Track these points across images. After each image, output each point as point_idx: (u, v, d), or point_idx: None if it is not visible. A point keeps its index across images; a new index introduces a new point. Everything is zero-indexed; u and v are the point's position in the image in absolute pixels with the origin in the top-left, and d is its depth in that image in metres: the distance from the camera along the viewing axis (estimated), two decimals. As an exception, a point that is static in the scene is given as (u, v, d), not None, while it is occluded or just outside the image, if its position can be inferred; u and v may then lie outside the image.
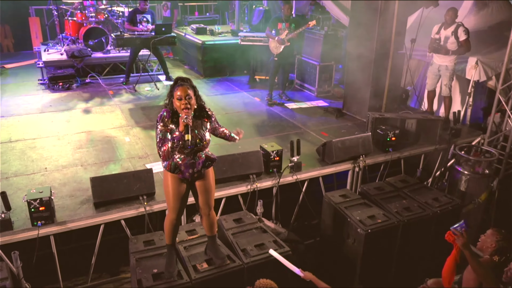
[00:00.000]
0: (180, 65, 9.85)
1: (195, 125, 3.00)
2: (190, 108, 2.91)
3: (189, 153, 3.01)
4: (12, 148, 5.24)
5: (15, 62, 9.70)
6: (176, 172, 3.05)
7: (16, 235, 3.66)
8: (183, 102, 2.88)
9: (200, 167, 3.10)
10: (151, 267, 3.44)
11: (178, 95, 2.88)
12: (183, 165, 3.03)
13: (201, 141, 3.00)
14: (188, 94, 2.89)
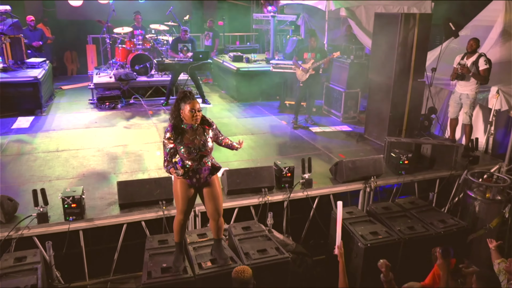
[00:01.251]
0: (218, 90, 10.48)
1: (198, 132, 3.44)
2: (198, 119, 3.36)
3: (195, 159, 3.44)
4: (58, 157, 5.95)
5: (72, 84, 10.77)
6: (184, 177, 3.49)
7: (50, 227, 4.22)
8: (195, 114, 3.34)
9: (206, 173, 3.52)
10: (161, 262, 3.85)
11: (189, 108, 3.34)
12: (191, 171, 3.46)
13: (203, 146, 3.43)
14: (198, 108, 3.35)
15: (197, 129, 3.45)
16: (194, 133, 3.42)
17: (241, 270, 3.14)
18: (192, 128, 3.42)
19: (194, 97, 3.40)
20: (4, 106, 7.74)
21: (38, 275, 3.62)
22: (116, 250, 4.49)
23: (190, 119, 3.38)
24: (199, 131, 3.45)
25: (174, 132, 3.39)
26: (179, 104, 3.38)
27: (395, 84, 6.33)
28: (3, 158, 5.85)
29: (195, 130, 3.44)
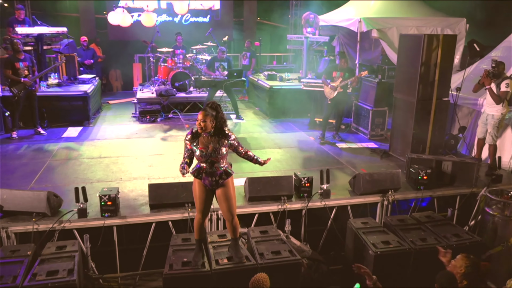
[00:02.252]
0: (252, 107, 10.94)
1: (212, 140, 3.83)
2: (203, 128, 3.77)
3: (207, 162, 3.85)
4: (100, 162, 6.55)
5: (118, 99, 11.62)
6: (199, 178, 3.90)
7: (88, 222, 4.74)
8: (198, 123, 3.78)
9: (217, 177, 3.91)
10: (183, 257, 4.24)
11: (198, 117, 3.78)
12: (204, 173, 3.87)
13: (214, 153, 3.82)
14: (203, 118, 3.76)
15: (213, 137, 3.85)
16: (209, 140, 3.83)
17: (262, 280, 3.40)
18: (209, 135, 3.83)
19: (205, 109, 3.81)
20: (57, 117, 8.57)
21: (75, 262, 4.10)
22: (145, 247, 4.93)
23: (197, 127, 3.81)
24: (214, 139, 3.85)
25: (192, 136, 3.84)
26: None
27: (418, 102, 6.50)
28: (53, 162, 6.53)
29: (211, 138, 3.84)
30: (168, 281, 4.01)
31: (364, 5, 10.48)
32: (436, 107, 6.57)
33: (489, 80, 6.07)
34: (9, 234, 4.54)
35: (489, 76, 6.09)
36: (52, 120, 8.49)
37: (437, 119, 6.62)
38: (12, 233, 4.55)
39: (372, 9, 10.22)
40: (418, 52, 6.33)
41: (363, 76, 7.54)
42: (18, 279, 3.80)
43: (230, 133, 3.95)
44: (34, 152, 7.00)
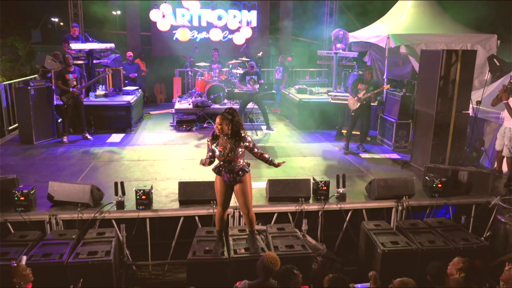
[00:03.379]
0: (283, 119, 11.41)
1: (229, 141, 4.31)
2: (220, 130, 4.27)
3: (225, 161, 4.35)
4: (138, 164, 7.23)
5: (159, 110, 12.44)
6: (219, 174, 4.41)
7: (125, 213, 5.35)
8: (216, 126, 4.28)
9: (235, 174, 4.40)
10: (205, 246, 4.75)
11: (216, 121, 4.29)
12: (223, 171, 4.38)
13: (230, 152, 4.31)
14: (220, 122, 4.26)
15: (230, 139, 4.34)
16: (227, 141, 4.33)
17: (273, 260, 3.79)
18: (227, 137, 4.33)
19: (223, 114, 4.30)
20: (103, 124, 9.41)
21: (112, 246, 4.69)
22: (174, 239, 5.47)
23: (216, 130, 4.32)
24: (231, 141, 4.34)
25: (212, 138, 4.38)
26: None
27: (437, 115, 6.76)
28: (97, 163, 7.27)
29: (228, 139, 4.33)
30: (191, 265, 4.52)
31: (394, 22, 10.80)
32: (456, 120, 6.80)
33: (506, 95, 6.26)
34: (58, 221, 5.22)
35: (507, 91, 6.28)
36: (98, 127, 9.34)
37: (457, 132, 6.84)
38: (60, 220, 5.23)
39: (402, 26, 10.52)
40: (437, 67, 6.62)
41: (385, 89, 7.86)
42: (64, 257, 4.44)
43: (246, 136, 4.43)
44: (81, 154, 7.79)
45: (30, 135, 8.33)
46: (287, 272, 3.67)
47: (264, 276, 3.74)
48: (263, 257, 3.83)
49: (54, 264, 4.34)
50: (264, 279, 3.74)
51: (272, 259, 3.82)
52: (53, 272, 4.31)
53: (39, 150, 7.99)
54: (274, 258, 3.82)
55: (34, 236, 4.87)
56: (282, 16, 14.94)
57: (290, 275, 3.66)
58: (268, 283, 3.74)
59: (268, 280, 3.74)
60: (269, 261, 3.77)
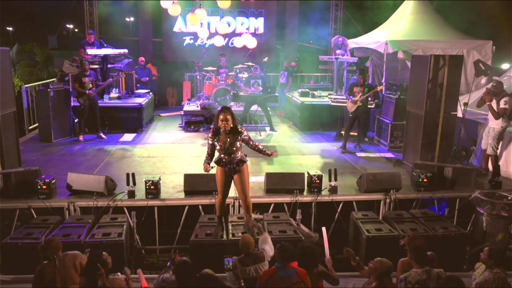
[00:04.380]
0: (287, 121, 11.93)
1: (228, 136, 4.84)
2: (227, 126, 4.79)
3: (225, 153, 4.89)
4: (148, 160, 7.82)
5: (169, 112, 13.06)
6: (220, 165, 4.95)
7: (135, 202, 5.92)
8: (223, 123, 4.79)
9: (235, 164, 4.93)
10: (207, 230, 5.29)
11: (221, 118, 4.81)
12: (224, 162, 4.91)
13: (231, 146, 4.84)
14: (227, 118, 4.79)
15: (229, 134, 4.87)
16: (227, 136, 4.86)
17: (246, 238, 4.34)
18: (226, 132, 4.86)
19: (226, 111, 4.83)
20: (116, 124, 10.04)
21: (123, 229, 5.26)
22: (179, 226, 6.02)
23: (221, 125, 4.84)
24: (230, 136, 4.87)
25: (213, 133, 4.89)
26: (218, 113, 4.87)
27: (426, 115, 7.23)
28: (110, 159, 7.88)
29: (228, 135, 4.87)
30: (194, 246, 5.07)
31: (393, 29, 11.29)
32: (444, 120, 7.26)
33: (489, 97, 6.72)
34: (75, 208, 5.81)
35: (490, 93, 6.74)
36: (111, 127, 9.97)
37: (445, 131, 7.29)
38: (77, 206, 5.82)
39: (400, 32, 11.00)
40: (426, 71, 7.10)
41: (378, 90, 8.35)
42: (82, 237, 5.02)
43: (243, 130, 4.97)
44: (96, 151, 8.41)
45: (49, 133, 8.98)
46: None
47: (244, 252, 4.25)
48: (241, 240, 4.33)
49: (73, 243, 4.90)
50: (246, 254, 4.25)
51: (247, 239, 4.32)
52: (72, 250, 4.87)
53: (57, 147, 8.64)
54: (248, 239, 4.32)
55: (55, 220, 5.47)
56: (288, 23, 15.50)
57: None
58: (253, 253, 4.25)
59: (250, 253, 4.24)
60: (244, 241, 4.28)
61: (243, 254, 4.32)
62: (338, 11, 15.52)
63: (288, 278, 3.76)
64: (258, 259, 4.32)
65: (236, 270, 3.86)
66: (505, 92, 6.78)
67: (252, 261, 4.27)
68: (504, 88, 6.85)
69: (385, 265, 4.00)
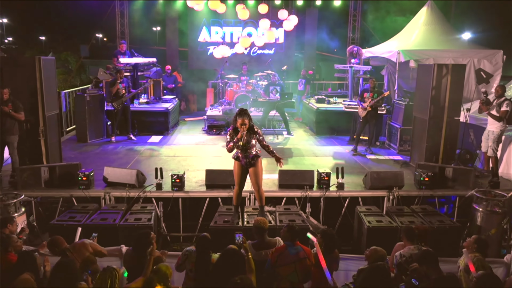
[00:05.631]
0: (304, 126, 12.56)
1: (246, 134, 5.53)
2: (245, 128, 5.48)
3: (243, 150, 5.58)
4: (173, 159, 8.60)
5: (193, 117, 13.90)
6: (238, 160, 5.64)
7: (162, 193, 6.67)
8: (242, 126, 5.48)
9: (250, 159, 5.61)
10: (224, 218, 5.98)
11: (240, 122, 5.50)
12: (241, 157, 5.61)
13: (247, 143, 5.53)
14: (244, 122, 5.48)
15: (246, 133, 5.55)
16: (244, 135, 5.55)
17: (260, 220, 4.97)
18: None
19: (244, 115, 5.51)
20: (144, 127, 10.91)
21: (152, 215, 6.01)
22: (201, 215, 6.74)
23: (239, 128, 5.53)
24: (247, 134, 5.53)
25: (233, 131, 5.59)
26: (236, 117, 5.56)
27: (430, 120, 7.76)
28: (140, 158, 8.70)
29: (246, 133, 5.56)
30: (213, 231, 5.75)
31: (406, 39, 11.86)
32: (447, 125, 7.77)
33: (485, 107, 7.24)
34: (110, 197, 6.61)
35: (484, 104, 7.26)
36: (140, 129, 10.83)
37: (448, 135, 7.80)
38: (112, 196, 6.62)
39: (413, 42, 11.56)
40: (429, 79, 7.65)
41: (385, 96, 8.92)
42: (117, 221, 5.79)
43: (258, 130, 5.65)
44: (126, 151, 9.25)
45: (85, 134, 9.90)
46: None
47: (258, 236, 4.84)
48: (254, 221, 4.93)
49: (109, 226, 5.69)
50: (260, 238, 4.85)
51: (261, 220, 4.93)
52: (109, 231, 5.63)
53: (92, 147, 9.54)
54: (262, 220, 4.93)
55: (93, 207, 6.27)
56: (307, 33, 16.19)
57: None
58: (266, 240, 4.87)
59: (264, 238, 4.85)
60: (258, 222, 4.88)
61: (257, 240, 4.93)
62: (356, 22, 16.12)
63: (296, 254, 4.38)
64: (271, 245, 4.89)
65: (245, 244, 4.50)
66: (505, 97, 7.25)
67: (266, 246, 4.85)
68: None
69: (379, 253, 4.54)
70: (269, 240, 4.92)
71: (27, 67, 7.14)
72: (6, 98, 6.80)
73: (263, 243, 4.84)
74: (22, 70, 7.16)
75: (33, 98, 7.21)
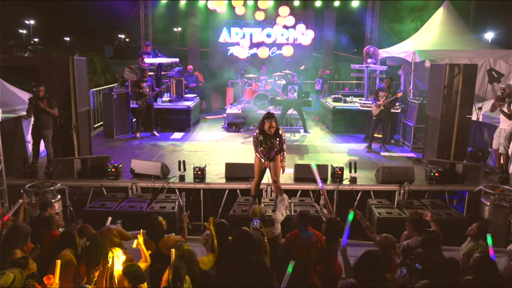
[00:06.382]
0: (320, 125, 12.90)
1: (272, 136, 5.91)
2: (272, 130, 5.85)
3: (267, 149, 5.97)
4: (195, 154, 9.08)
5: (213, 115, 14.39)
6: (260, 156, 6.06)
7: (185, 184, 7.14)
8: (269, 129, 5.85)
9: (273, 155, 6.01)
10: (242, 207, 6.40)
11: (268, 126, 5.88)
12: (263, 153, 6.00)
13: (272, 144, 5.92)
14: (272, 125, 5.87)
15: (272, 135, 5.95)
16: (270, 137, 5.94)
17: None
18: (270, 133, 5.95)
19: (272, 119, 5.89)
20: (167, 124, 11.45)
21: (175, 204, 6.47)
22: (221, 205, 7.17)
23: (267, 130, 5.92)
24: (273, 136, 5.94)
25: (260, 133, 5.98)
26: (264, 120, 5.96)
27: (442, 118, 8.02)
28: (163, 152, 9.22)
29: (271, 136, 5.95)
30: (231, 219, 6.18)
31: (422, 39, 12.07)
32: (459, 123, 8.01)
33: (498, 103, 7.45)
34: (137, 187, 7.11)
35: (499, 100, 7.47)
36: (163, 126, 11.37)
37: (460, 133, 8.04)
38: (138, 186, 7.12)
39: (429, 43, 11.77)
40: (441, 78, 7.91)
41: (398, 96, 9.20)
42: (143, 208, 6.27)
43: (283, 134, 6.03)
44: (151, 146, 9.78)
45: (112, 130, 10.47)
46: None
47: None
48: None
49: (137, 212, 6.17)
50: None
51: (253, 208, 5.29)
52: (136, 217, 6.11)
53: (119, 142, 10.10)
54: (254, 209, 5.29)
55: (121, 196, 6.77)
56: (325, 34, 16.50)
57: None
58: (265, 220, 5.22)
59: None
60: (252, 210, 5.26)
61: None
62: (374, 22, 16.34)
63: (308, 238, 4.76)
64: (269, 223, 5.27)
65: (262, 229, 4.91)
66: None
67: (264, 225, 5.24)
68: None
69: (389, 240, 4.88)
70: (266, 220, 5.26)
71: (61, 67, 7.73)
72: (42, 95, 7.36)
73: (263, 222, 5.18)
74: (56, 69, 7.76)
75: (67, 96, 7.79)
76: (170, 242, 4.85)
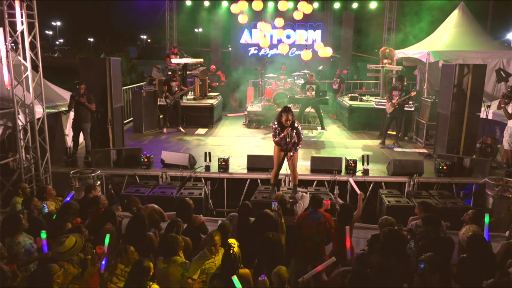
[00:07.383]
0: (337, 122, 13.42)
1: (289, 128, 6.50)
2: (288, 123, 6.46)
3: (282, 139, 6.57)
4: (218, 148, 9.75)
5: (234, 113, 15.05)
6: (279, 146, 6.66)
7: (210, 174, 7.81)
8: (286, 122, 6.46)
9: (290, 146, 6.61)
10: (263, 194, 7.03)
11: (284, 118, 6.49)
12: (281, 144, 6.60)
13: (289, 136, 6.51)
14: (288, 118, 6.47)
15: (289, 127, 6.54)
16: (287, 129, 6.53)
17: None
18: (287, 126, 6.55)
19: (288, 112, 6.50)
20: (192, 121, 12.15)
21: (202, 191, 7.14)
22: (242, 193, 7.81)
23: (284, 123, 6.53)
24: (290, 128, 6.54)
25: (278, 125, 6.60)
26: (281, 113, 6.56)
27: (451, 115, 8.48)
28: (189, 146, 9.92)
29: (288, 127, 6.55)
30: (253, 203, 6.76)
31: (437, 40, 12.46)
32: (468, 120, 8.46)
33: (503, 101, 7.88)
34: (167, 176, 7.82)
35: (504, 97, 7.90)
36: (188, 122, 12.09)
37: (469, 129, 8.48)
38: (168, 175, 7.82)
39: (443, 44, 12.16)
40: (452, 77, 8.38)
41: (412, 96, 9.68)
42: (173, 194, 6.96)
43: (299, 126, 6.62)
44: (177, 140, 10.50)
45: (140, 126, 11.24)
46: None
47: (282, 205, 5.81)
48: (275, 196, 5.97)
49: (168, 197, 6.86)
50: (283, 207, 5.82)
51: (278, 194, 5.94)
52: (167, 202, 6.77)
53: (147, 136, 10.86)
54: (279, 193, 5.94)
55: (153, 183, 7.49)
56: (343, 35, 16.99)
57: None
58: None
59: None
60: (277, 195, 5.90)
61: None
62: (392, 23, 16.74)
63: (317, 219, 5.36)
64: (290, 212, 5.86)
65: (280, 211, 5.52)
66: None
67: (290, 213, 5.86)
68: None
69: (389, 221, 5.42)
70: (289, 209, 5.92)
71: (99, 66, 8.49)
72: (82, 92, 8.14)
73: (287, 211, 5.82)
74: (95, 69, 8.52)
75: (103, 93, 8.55)
76: (197, 221, 5.54)
